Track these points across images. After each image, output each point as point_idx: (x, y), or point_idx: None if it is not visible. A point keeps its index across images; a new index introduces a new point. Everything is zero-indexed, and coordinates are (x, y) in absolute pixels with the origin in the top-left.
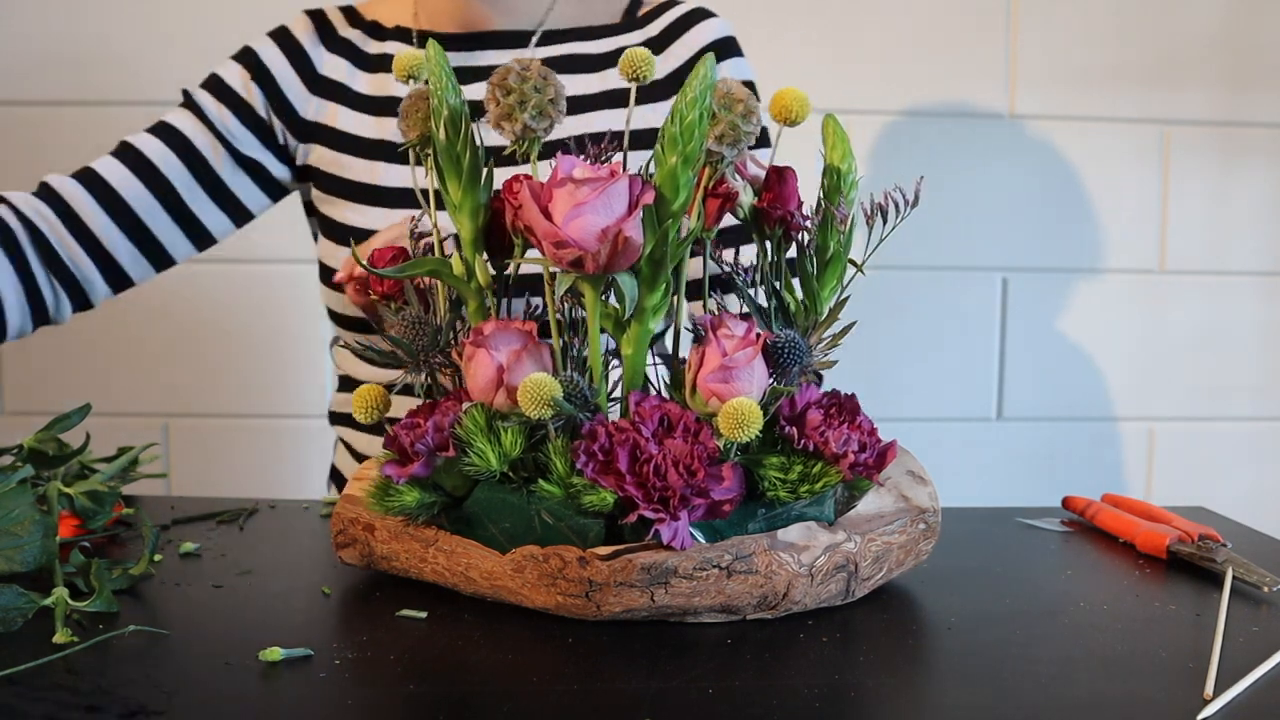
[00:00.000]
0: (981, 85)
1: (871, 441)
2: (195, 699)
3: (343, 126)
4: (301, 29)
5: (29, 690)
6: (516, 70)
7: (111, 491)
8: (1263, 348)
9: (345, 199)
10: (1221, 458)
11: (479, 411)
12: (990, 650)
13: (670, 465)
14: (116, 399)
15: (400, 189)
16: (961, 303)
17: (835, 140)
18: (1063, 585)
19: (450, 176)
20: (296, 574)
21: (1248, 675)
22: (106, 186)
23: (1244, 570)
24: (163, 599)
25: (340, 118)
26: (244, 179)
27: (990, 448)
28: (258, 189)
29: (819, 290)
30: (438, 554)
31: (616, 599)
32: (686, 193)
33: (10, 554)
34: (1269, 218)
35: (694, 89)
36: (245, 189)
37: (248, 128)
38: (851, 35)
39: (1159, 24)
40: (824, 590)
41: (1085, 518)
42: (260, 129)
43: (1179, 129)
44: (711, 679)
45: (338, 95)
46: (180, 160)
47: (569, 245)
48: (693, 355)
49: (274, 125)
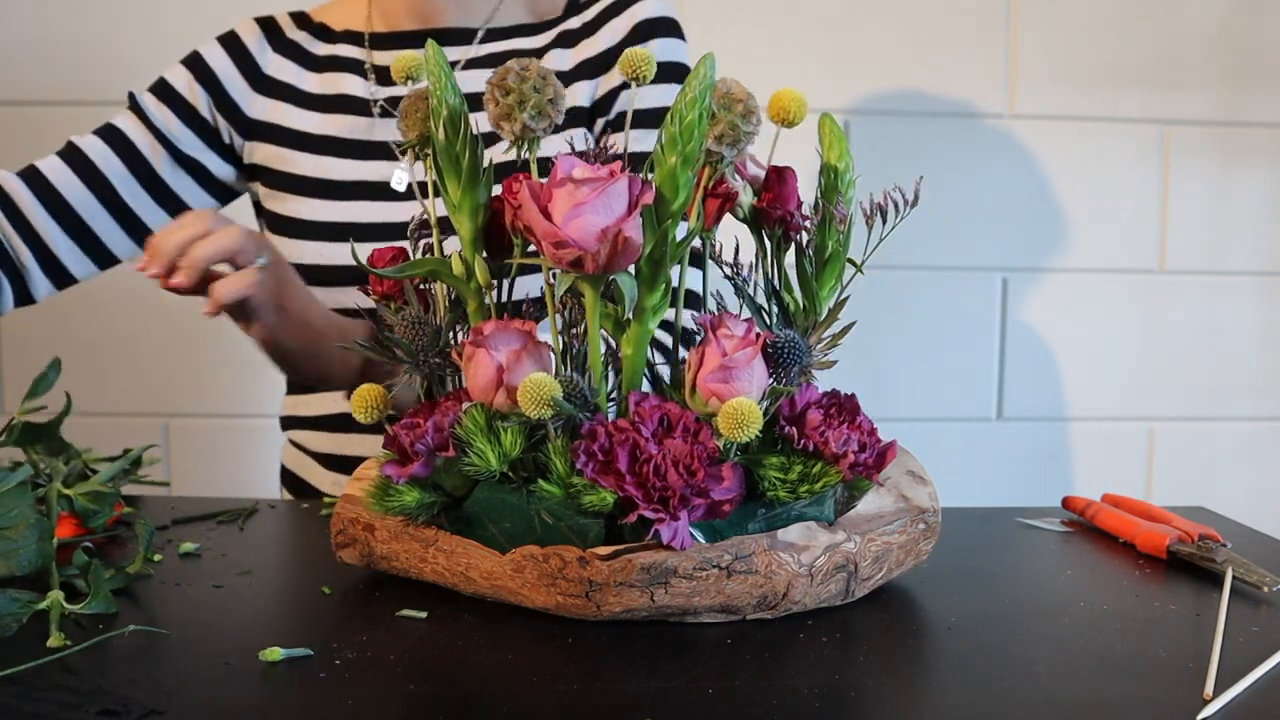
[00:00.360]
0: (981, 85)
1: (871, 441)
2: (195, 699)
3: (289, 124)
4: (248, 33)
5: (29, 690)
6: (516, 70)
7: (112, 491)
8: (1263, 348)
9: (291, 193)
10: (1221, 458)
11: (479, 411)
12: (990, 650)
13: (670, 465)
14: (116, 399)
15: (347, 181)
16: (961, 303)
17: (832, 139)
18: (1063, 585)
19: (450, 176)
20: (296, 574)
21: (1248, 675)
22: (47, 184)
23: (1244, 570)
24: (163, 599)
25: (287, 115)
26: (185, 179)
27: (990, 448)
28: (200, 188)
29: (819, 290)
30: (438, 554)
31: (616, 599)
32: (686, 193)
33: (6, 557)
34: (1269, 218)
35: (694, 89)
36: (187, 188)
37: (190, 128)
38: (851, 35)
39: (1159, 24)
40: (824, 590)
41: (1085, 518)
42: (204, 130)
43: (1179, 129)
44: (711, 679)
45: (285, 94)
46: (120, 160)
47: (569, 245)
48: (693, 355)
49: (219, 125)
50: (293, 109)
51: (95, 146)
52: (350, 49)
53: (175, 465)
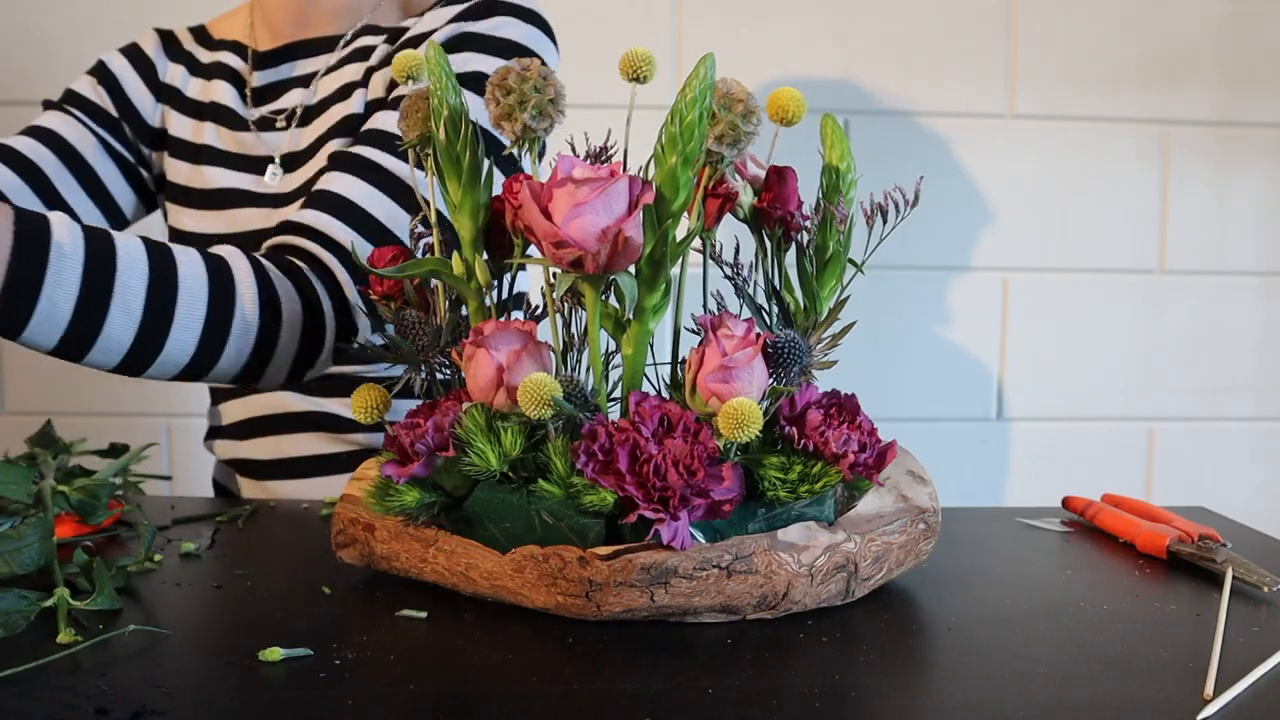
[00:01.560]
0: (981, 85)
1: (871, 441)
2: (195, 699)
3: (175, 132)
4: (148, 41)
5: (29, 690)
6: (516, 70)
7: (107, 485)
8: (1263, 348)
9: (181, 204)
10: (1221, 458)
11: (479, 411)
12: (990, 650)
13: (670, 465)
14: (116, 399)
15: (218, 189)
16: (961, 303)
17: (834, 140)
18: (1063, 585)
19: (450, 176)
20: (296, 574)
21: (1248, 675)
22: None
23: (1244, 570)
24: (163, 599)
25: (174, 123)
26: (112, 167)
27: (990, 448)
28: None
29: (819, 290)
30: (438, 554)
31: (616, 599)
32: (686, 193)
33: (9, 556)
34: (1269, 218)
35: (694, 89)
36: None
37: (104, 126)
38: (851, 35)
39: (1159, 24)
40: (824, 590)
41: (1085, 518)
42: (115, 129)
43: (1179, 129)
44: (711, 679)
45: (174, 101)
46: (51, 151)
47: (569, 245)
48: (693, 355)
49: (125, 128)
50: (177, 116)
51: (24, 143)
52: (231, 58)
53: (175, 465)
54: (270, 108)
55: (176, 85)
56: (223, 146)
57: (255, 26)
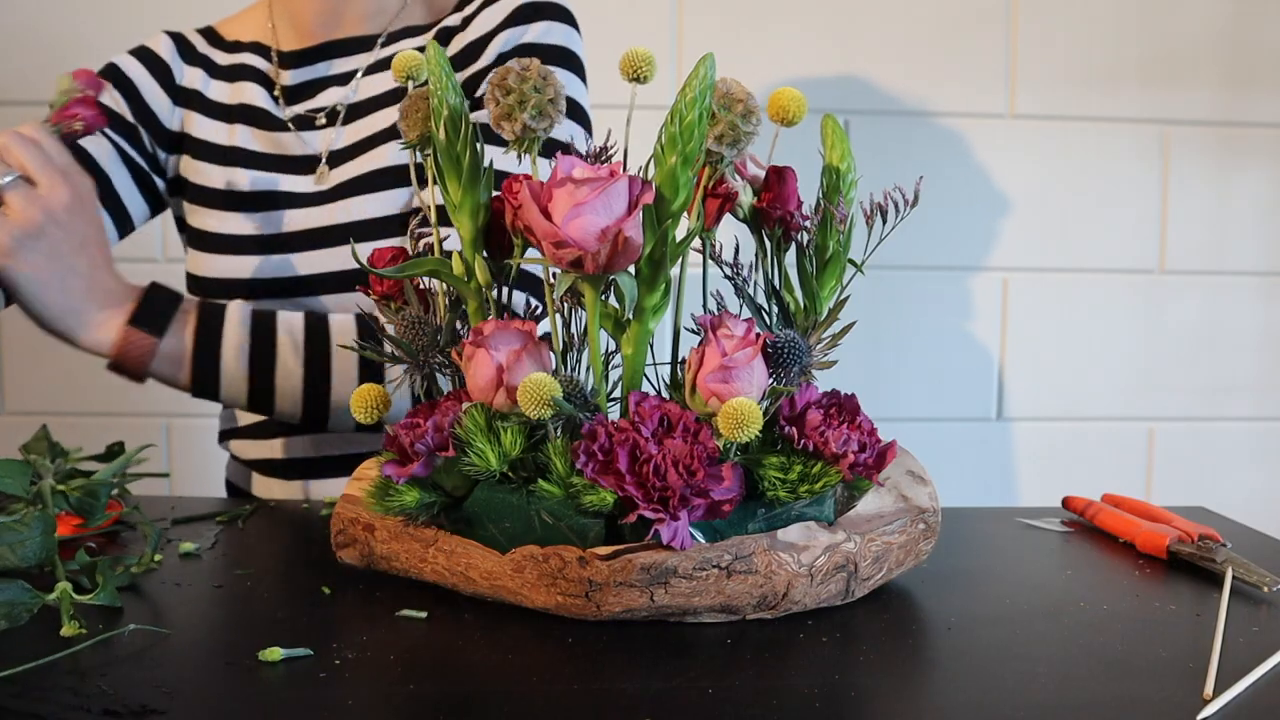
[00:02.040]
0: (981, 85)
1: (871, 441)
2: (195, 699)
3: (200, 134)
4: (160, 44)
5: (29, 690)
6: (516, 70)
7: (105, 485)
8: (1263, 348)
9: (208, 206)
10: (1221, 458)
11: (479, 411)
12: (990, 650)
13: (670, 465)
14: (116, 399)
15: (254, 193)
16: (961, 303)
17: (834, 140)
18: (1063, 585)
19: (450, 176)
20: (296, 574)
21: (1248, 675)
22: None
23: (1244, 570)
24: (163, 598)
25: (198, 126)
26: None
27: (990, 448)
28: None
29: (819, 290)
30: (438, 554)
31: (616, 599)
32: (686, 193)
33: (12, 547)
34: (1269, 218)
35: (693, 89)
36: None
37: (120, 133)
38: (851, 35)
39: (1159, 24)
40: (824, 590)
41: (1085, 518)
42: (131, 135)
43: (1179, 129)
44: (711, 679)
45: (195, 104)
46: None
47: (569, 245)
48: (693, 355)
49: (141, 133)
50: (202, 118)
51: None
52: (254, 59)
53: (175, 465)
54: (305, 106)
55: (197, 88)
56: (258, 148)
57: (277, 27)
